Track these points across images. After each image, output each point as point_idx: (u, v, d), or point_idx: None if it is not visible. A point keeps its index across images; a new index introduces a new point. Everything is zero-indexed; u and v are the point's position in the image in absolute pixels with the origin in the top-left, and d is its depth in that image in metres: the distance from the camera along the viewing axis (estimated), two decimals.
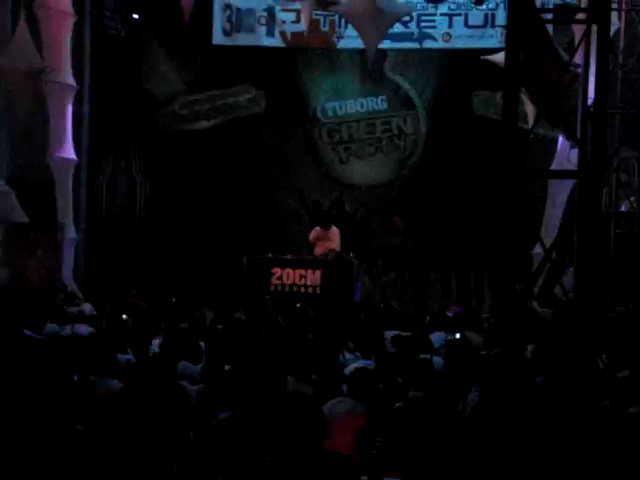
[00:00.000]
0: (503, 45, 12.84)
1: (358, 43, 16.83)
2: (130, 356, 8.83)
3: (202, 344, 9.14)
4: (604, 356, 9.56)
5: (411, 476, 5.51)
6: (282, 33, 18.99)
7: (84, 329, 10.85)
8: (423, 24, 18.62)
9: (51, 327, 10.80)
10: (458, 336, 11.29)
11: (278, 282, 16.04)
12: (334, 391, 7.63)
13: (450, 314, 13.08)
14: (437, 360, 8.87)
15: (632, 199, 13.29)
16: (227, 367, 8.23)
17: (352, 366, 9.04)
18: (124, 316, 11.91)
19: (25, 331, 6.49)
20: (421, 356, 8.54)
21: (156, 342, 9.50)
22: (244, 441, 5.83)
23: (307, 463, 5.01)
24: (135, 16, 18.95)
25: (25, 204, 17.03)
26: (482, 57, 16.52)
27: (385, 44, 17.43)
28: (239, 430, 5.95)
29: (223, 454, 5.80)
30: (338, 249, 16.48)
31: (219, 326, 10.88)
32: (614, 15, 13.20)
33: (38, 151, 17.41)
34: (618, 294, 12.16)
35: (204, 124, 19.78)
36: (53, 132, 17.25)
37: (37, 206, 17.26)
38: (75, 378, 6.91)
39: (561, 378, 7.22)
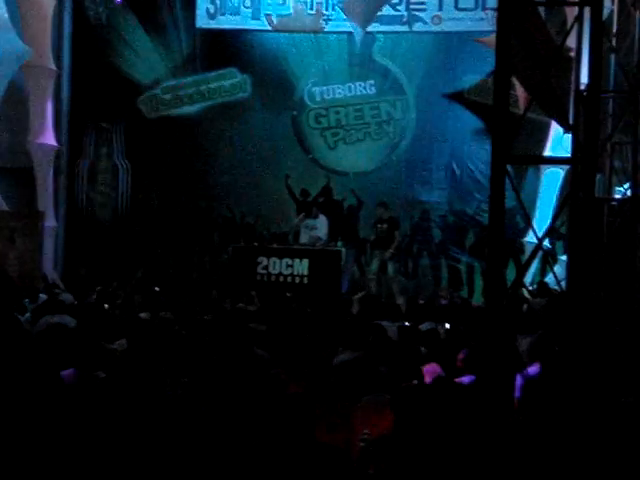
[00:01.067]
0: (494, 28, 12.57)
1: (346, 26, 16.56)
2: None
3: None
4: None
5: (403, 468, 5.41)
6: (268, 16, 18.66)
7: (67, 320, 10.64)
8: (412, 7, 18.33)
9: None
10: (447, 326, 11.09)
11: (264, 272, 15.76)
12: (326, 385, 7.45)
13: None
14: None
15: (625, 185, 13.06)
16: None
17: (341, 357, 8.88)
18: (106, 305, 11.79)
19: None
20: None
21: None
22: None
23: (299, 456, 5.07)
24: None
25: (4, 191, 16.76)
26: (475, 39, 16.27)
27: (374, 27, 17.13)
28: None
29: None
30: (325, 238, 16.20)
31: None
32: None
33: (18, 137, 17.17)
34: (612, 281, 11.95)
35: (188, 109, 19.45)
36: (33, 118, 17.02)
37: (16, 193, 17.03)
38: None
39: (556, 369, 7.07)
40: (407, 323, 11.83)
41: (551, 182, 16.22)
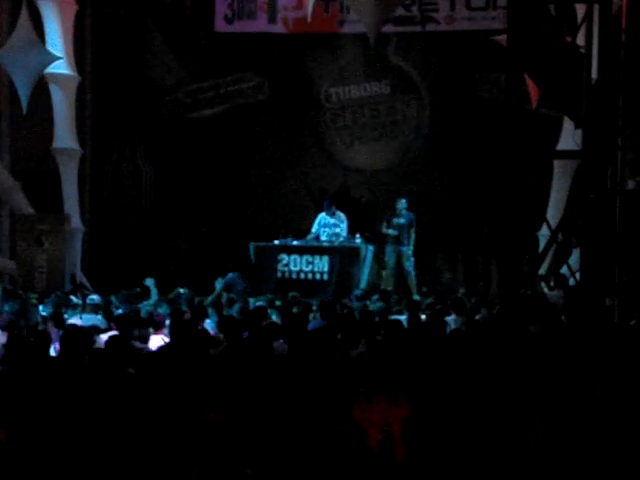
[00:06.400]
0: (506, 26, 12.81)
1: (361, 28, 16.70)
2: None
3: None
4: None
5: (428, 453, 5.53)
6: (284, 19, 18.89)
7: (92, 318, 10.94)
8: (425, 7, 18.51)
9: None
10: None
11: (285, 268, 16.08)
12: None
13: None
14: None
15: (638, 178, 13.26)
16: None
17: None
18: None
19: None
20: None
21: None
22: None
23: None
24: None
25: (30, 195, 17.09)
26: (490, 37, 16.45)
27: (387, 28, 17.33)
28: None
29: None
30: (345, 234, 16.50)
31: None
32: None
33: (43, 142, 17.45)
34: (626, 274, 12.16)
35: (208, 112, 19.69)
36: (57, 123, 17.26)
37: (43, 197, 17.32)
38: None
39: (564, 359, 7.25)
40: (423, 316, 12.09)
41: (563, 175, 16.40)
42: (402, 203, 16.96)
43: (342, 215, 16.72)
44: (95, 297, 12.15)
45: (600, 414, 6.01)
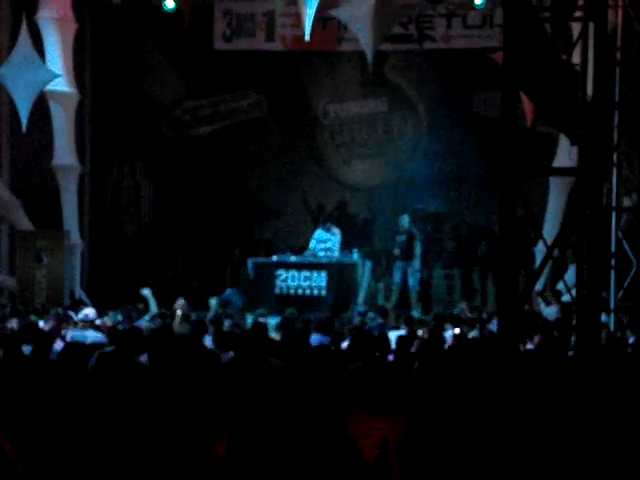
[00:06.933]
0: (502, 44, 12.93)
1: (359, 45, 16.87)
2: None
3: None
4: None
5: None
6: (282, 37, 18.99)
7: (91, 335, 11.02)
8: (422, 25, 18.64)
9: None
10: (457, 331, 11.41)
11: (283, 284, 16.17)
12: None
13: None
14: None
15: (633, 195, 13.37)
16: None
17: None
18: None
19: None
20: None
21: None
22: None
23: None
24: None
25: (30, 212, 17.18)
26: (486, 55, 16.57)
27: (385, 46, 17.46)
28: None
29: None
30: (336, 248, 16.60)
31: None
32: (611, 12, 13.23)
33: (43, 159, 17.57)
34: (622, 289, 12.26)
35: (207, 129, 19.82)
36: (56, 140, 17.38)
37: (42, 214, 17.42)
38: None
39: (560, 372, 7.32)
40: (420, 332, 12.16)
41: (559, 192, 16.49)
42: (402, 219, 17.14)
43: (336, 230, 16.84)
44: (89, 312, 12.21)
45: (595, 430, 6.07)
